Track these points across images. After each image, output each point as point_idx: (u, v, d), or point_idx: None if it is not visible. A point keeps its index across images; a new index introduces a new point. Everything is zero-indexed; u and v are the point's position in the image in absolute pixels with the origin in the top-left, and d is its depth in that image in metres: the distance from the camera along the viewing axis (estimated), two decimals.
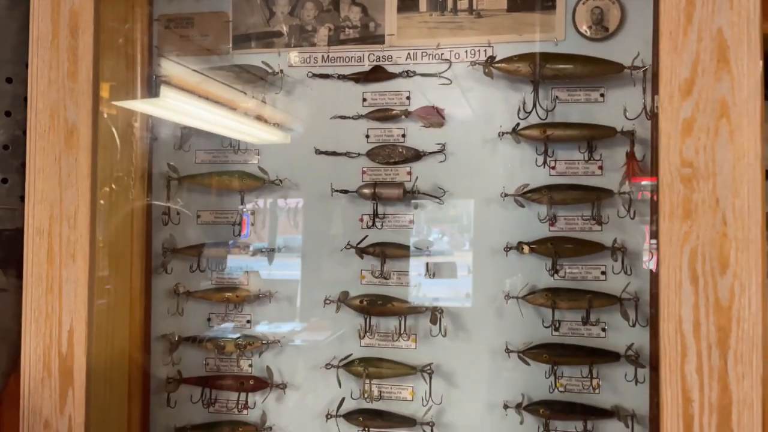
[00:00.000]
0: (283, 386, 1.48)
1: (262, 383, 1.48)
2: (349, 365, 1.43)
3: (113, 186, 1.47)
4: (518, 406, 1.35)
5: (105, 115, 1.43)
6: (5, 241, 1.31)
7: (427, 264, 1.43)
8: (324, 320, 1.47)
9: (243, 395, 1.49)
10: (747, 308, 0.98)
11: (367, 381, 1.41)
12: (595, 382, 1.34)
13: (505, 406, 1.36)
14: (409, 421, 1.40)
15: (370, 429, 1.42)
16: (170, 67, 1.53)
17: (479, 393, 1.39)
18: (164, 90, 1.53)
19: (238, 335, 1.50)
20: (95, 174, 1.25)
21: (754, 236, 0.98)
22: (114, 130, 1.47)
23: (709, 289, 0.99)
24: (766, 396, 0.98)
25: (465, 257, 1.42)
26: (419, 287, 1.44)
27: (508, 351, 1.36)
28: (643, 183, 1.32)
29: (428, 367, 1.39)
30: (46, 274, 1.24)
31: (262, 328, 1.51)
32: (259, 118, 1.51)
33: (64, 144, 1.25)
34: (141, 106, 1.54)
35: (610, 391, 1.34)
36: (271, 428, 1.49)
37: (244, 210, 1.51)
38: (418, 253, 1.43)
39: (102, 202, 1.43)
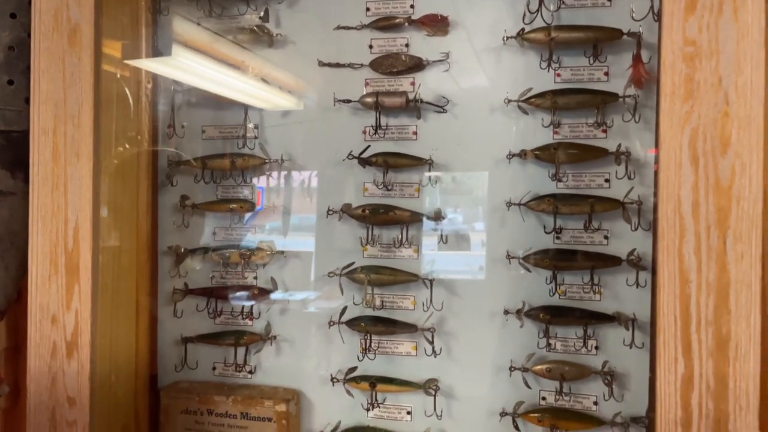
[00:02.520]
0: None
1: (266, 293, 1.50)
2: (351, 273, 1.44)
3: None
4: (518, 312, 1.35)
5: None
6: (13, 142, 1.33)
7: (430, 176, 1.43)
8: (328, 234, 1.48)
9: (248, 305, 1.51)
10: (747, 187, 0.97)
11: (369, 288, 1.43)
12: (596, 288, 1.34)
13: (506, 312, 1.37)
14: (411, 327, 1.41)
15: (372, 335, 1.43)
16: None
17: (480, 300, 1.40)
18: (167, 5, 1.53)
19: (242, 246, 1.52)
20: (98, 72, 1.26)
21: (757, 114, 0.96)
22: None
23: (710, 169, 0.98)
24: (765, 276, 0.98)
25: (468, 166, 1.41)
26: (423, 199, 1.44)
27: (509, 257, 1.36)
28: None
29: (430, 274, 1.40)
30: (52, 172, 1.26)
31: (266, 239, 1.52)
32: (262, 29, 1.50)
33: (67, 43, 1.25)
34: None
35: (611, 298, 1.34)
36: (275, 337, 1.51)
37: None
38: (423, 166, 1.43)
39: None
